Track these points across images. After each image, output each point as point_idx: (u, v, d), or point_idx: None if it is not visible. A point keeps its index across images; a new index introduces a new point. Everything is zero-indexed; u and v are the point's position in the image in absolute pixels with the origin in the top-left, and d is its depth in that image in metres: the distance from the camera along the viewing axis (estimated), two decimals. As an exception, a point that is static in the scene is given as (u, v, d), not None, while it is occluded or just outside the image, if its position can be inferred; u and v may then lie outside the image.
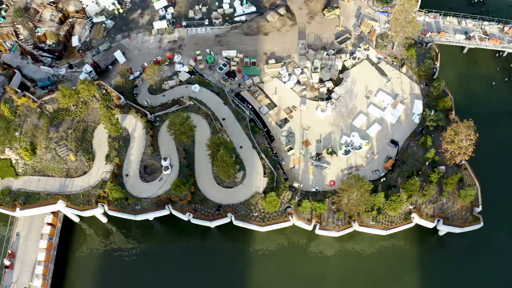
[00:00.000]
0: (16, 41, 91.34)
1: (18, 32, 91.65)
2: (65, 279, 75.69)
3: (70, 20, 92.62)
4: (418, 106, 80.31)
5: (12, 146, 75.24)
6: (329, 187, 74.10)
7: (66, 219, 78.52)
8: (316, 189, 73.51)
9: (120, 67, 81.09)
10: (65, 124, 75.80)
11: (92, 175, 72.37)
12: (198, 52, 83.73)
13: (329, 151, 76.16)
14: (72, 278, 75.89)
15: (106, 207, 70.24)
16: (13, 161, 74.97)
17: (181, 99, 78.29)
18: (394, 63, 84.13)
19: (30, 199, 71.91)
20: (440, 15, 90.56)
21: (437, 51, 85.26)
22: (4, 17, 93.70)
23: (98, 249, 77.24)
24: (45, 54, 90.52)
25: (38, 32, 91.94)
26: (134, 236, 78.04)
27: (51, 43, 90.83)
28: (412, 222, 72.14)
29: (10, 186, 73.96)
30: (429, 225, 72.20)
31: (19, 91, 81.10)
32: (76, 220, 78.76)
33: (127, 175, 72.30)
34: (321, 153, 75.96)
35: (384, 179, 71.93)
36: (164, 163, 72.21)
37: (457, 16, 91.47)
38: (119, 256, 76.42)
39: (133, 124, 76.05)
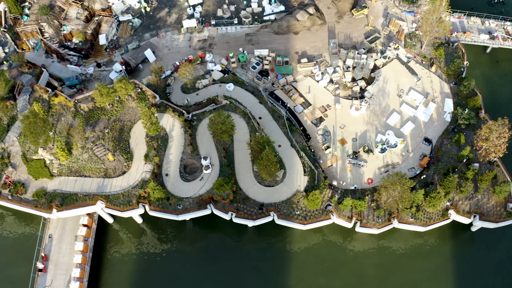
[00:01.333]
0: (41, 39, 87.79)
1: (43, 30, 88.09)
2: (100, 281, 73.44)
3: (97, 18, 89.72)
4: (449, 104, 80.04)
5: (45, 146, 72.29)
6: (367, 185, 73.42)
7: (99, 220, 76.42)
8: (355, 187, 72.60)
9: (153, 66, 78.40)
10: (101, 123, 72.99)
11: (131, 175, 69.72)
12: (231, 54, 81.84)
13: (365, 149, 75.27)
14: (107, 280, 73.27)
15: (147, 208, 68.07)
16: (47, 162, 72.07)
17: (217, 98, 76.59)
18: (423, 63, 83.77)
19: (67, 200, 68.94)
20: (464, 15, 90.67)
21: (463, 50, 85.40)
22: (27, 15, 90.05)
23: (133, 250, 74.70)
24: (71, 52, 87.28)
25: (63, 30, 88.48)
26: (169, 236, 75.64)
27: (77, 42, 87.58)
28: (449, 218, 71.82)
29: (44, 187, 71.16)
30: (466, 221, 72.01)
31: (50, 90, 78.16)
32: (110, 221, 76.31)
33: (167, 174, 69.99)
34: (358, 151, 75.16)
35: (424, 176, 71.44)
36: (204, 162, 70.11)
37: (480, 16, 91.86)
38: (154, 256, 74.01)
39: (171, 123, 73.67)
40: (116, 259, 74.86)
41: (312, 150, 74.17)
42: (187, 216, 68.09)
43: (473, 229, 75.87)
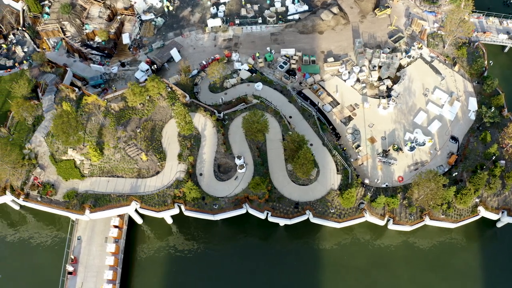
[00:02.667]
0: (63, 38, 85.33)
1: (65, 29, 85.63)
2: (131, 282, 71.51)
3: (119, 17, 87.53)
4: (473, 103, 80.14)
5: (75, 147, 70.15)
6: (397, 183, 73.13)
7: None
8: (386, 185, 72.17)
9: (182, 65, 76.81)
10: (133, 123, 71.07)
11: (165, 175, 67.94)
12: (257, 54, 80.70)
13: (395, 147, 74.98)
14: (138, 282, 71.30)
15: (183, 208, 66.49)
16: (77, 162, 69.87)
17: (247, 97, 75.39)
18: (447, 62, 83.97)
19: (100, 201, 66.88)
20: (483, 15, 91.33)
21: (484, 50, 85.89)
22: (48, 14, 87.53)
23: (163, 251, 72.81)
24: (94, 51, 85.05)
25: (85, 29, 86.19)
26: (198, 236, 73.80)
27: (100, 41, 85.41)
28: (478, 214, 72.07)
29: (75, 188, 68.95)
30: (494, 217, 72.31)
31: (76, 89, 76.00)
32: (139, 221, 74.53)
33: (201, 174, 68.42)
34: (388, 150, 74.82)
35: (456, 173, 71.45)
36: (238, 162, 68.74)
37: (498, 16, 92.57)
38: (184, 257, 72.16)
39: (202, 122, 72.08)
40: (146, 260, 72.83)
41: (344, 149, 73.71)
42: (224, 216, 66.79)
43: (499, 225, 75.96)
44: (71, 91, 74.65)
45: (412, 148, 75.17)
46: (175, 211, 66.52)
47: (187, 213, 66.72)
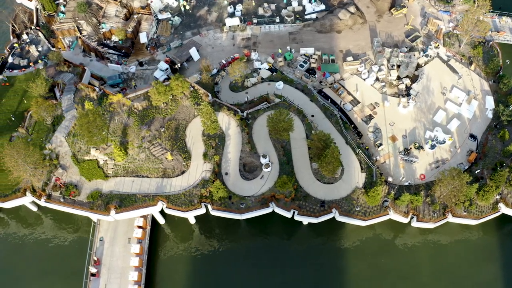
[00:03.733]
0: (80, 37, 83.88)
1: (81, 28, 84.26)
2: (155, 283, 70.46)
3: (136, 16, 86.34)
4: (490, 101, 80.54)
5: (98, 147, 68.95)
6: (420, 181, 73.32)
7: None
8: (409, 183, 72.35)
9: (203, 64, 75.95)
10: (156, 122, 70.11)
11: (191, 174, 67.15)
12: (280, 51, 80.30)
13: (416, 145, 75.17)
14: (162, 282, 70.53)
15: (209, 207, 65.71)
16: (101, 162, 68.73)
17: (269, 96, 74.92)
18: (463, 61, 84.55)
19: (125, 201, 65.73)
20: (496, 14, 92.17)
21: (498, 49, 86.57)
22: (63, 13, 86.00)
23: (186, 251, 71.84)
24: (110, 51, 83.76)
25: (102, 28, 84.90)
26: (221, 236, 73.04)
27: (117, 40, 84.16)
28: (499, 211, 72.49)
29: (99, 188, 67.74)
30: (515, 214, 73.09)
31: (97, 88, 74.71)
32: (162, 222, 73.58)
33: (226, 173, 67.71)
34: (410, 148, 74.98)
35: (478, 171, 71.91)
36: (263, 161, 68.16)
37: (510, 16, 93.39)
38: (207, 257, 71.34)
39: (226, 121, 71.33)
40: (169, 260, 71.79)
41: (367, 148, 73.67)
42: (251, 215, 66.16)
43: (518, 221, 76.96)
44: (92, 90, 73.41)
45: (433, 146, 75.38)
46: (202, 210, 65.75)
47: (214, 213, 66.00)
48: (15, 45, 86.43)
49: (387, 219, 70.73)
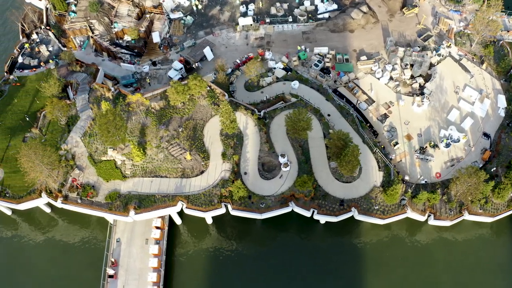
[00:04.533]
0: (91, 37, 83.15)
1: (93, 28, 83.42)
2: (172, 284, 69.93)
3: (147, 15, 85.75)
4: (502, 100, 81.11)
5: (116, 147, 68.27)
6: (435, 179, 73.75)
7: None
8: (425, 181, 72.76)
9: (218, 63, 75.68)
10: (174, 122, 69.60)
11: (210, 174, 66.75)
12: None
13: (431, 144, 75.57)
14: (180, 283, 69.97)
15: (229, 207, 65.39)
16: (118, 163, 68.10)
17: (284, 95, 74.81)
18: (474, 60, 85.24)
19: (144, 202, 65.16)
20: (505, 14, 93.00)
21: (508, 48, 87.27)
22: (74, 12, 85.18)
23: (203, 251, 71.35)
24: (123, 50, 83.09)
25: (114, 27, 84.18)
26: (238, 235, 72.68)
27: (130, 39, 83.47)
28: (515, 208, 73.43)
29: (117, 189, 67.09)
30: (529, 210, 73.69)
31: (112, 88, 74.00)
32: (179, 222, 73.03)
33: (245, 173, 67.38)
34: (425, 147, 75.39)
35: (494, 169, 72.48)
36: (282, 160, 67.99)
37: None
38: (225, 256, 70.91)
39: (243, 121, 70.95)
40: (187, 261, 71.28)
41: (383, 146, 73.89)
42: (271, 215, 65.92)
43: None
44: (107, 90, 72.71)
45: (447, 145, 75.82)
46: (222, 210, 65.41)
47: (234, 213, 65.65)
48: (25, 45, 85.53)
49: (404, 217, 71.45)
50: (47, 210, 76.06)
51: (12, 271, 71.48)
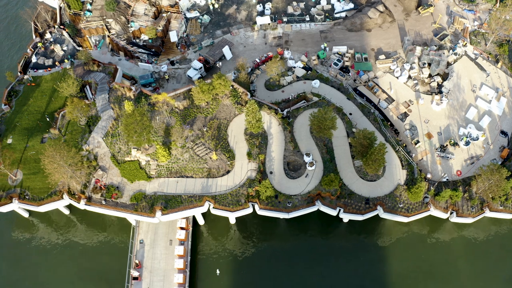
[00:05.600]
0: (108, 36, 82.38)
1: (109, 27, 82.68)
2: (197, 285, 69.75)
3: (164, 14, 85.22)
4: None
5: (140, 147, 67.76)
6: (456, 177, 74.70)
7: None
8: (447, 179, 73.69)
9: (239, 62, 75.61)
10: (198, 122, 69.35)
11: (236, 173, 66.72)
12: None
13: (451, 142, 76.60)
14: (204, 284, 69.85)
15: (256, 207, 65.34)
16: (143, 163, 67.66)
17: (306, 94, 75.06)
18: (489, 59, 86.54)
19: (170, 202, 64.81)
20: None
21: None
22: (90, 11, 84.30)
23: (227, 251, 71.31)
24: (140, 50, 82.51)
25: (131, 27, 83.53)
26: (261, 235, 72.90)
27: (147, 39, 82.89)
28: (533, 205, 74.70)
29: (143, 190, 66.66)
30: (547, 207, 75.03)
31: (133, 88, 73.39)
32: (202, 222, 72.86)
33: (271, 172, 67.35)
34: (446, 145, 76.32)
35: (515, 166, 73.74)
36: (307, 159, 68.20)
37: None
38: (248, 256, 70.98)
39: (267, 120, 70.82)
40: (210, 261, 71.01)
41: (404, 145, 74.61)
42: (298, 214, 66.02)
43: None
44: (128, 89, 72.14)
45: (467, 143, 76.94)
46: (249, 210, 65.40)
47: (261, 212, 65.59)
48: (39, 44, 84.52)
49: (427, 215, 72.29)
50: (66, 212, 75.43)
51: (32, 275, 70.54)
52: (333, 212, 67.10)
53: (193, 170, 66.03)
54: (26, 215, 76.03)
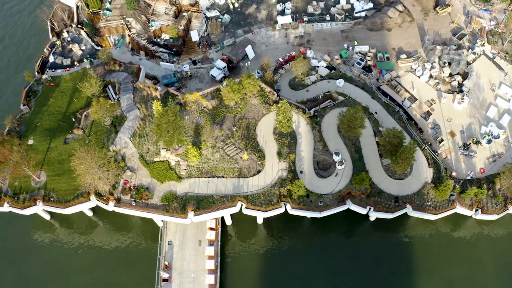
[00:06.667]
0: (129, 35, 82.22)
1: (130, 26, 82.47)
2: (227, 285, 70.15)
3: (184, 14, 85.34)
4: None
5: (169, 147, 67.84)
6: (480, 175, 76.51)
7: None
8: (471, 177, 75.47)
9: (265, 62, 76.12)
10: (227, 121, 69.78)
11: (267, 173, 67.25)
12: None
13: (474, 140, 78.46)
14: (233, 284, 70.35)
15: (288, 206, 65.86)
16: (172, 163, 67.77)
17: (332, 94, 76.05)
18: (507, 58, 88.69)
19: (202, 203, 65.11)
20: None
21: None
22: (109, 10, 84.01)
23: (254, 251, 71.79)
24: (161, 49, 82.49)
25: (151, 26, 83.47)
26: (288, 235, 73.42)
27: (167, 38, 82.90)
28: (555, 202, 76.82)
29: (173, 190, 66.76)
30: None
31: (159, 87, 73.42)
32: (229, 223, 73.22)
33: (301, 172, 68.01)
34: (469, 143, 78.12)
35: (538, 163, 75.70)
36: (336, 158, 69.11)
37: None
38: (276, 256, 71.53)
39: (295, 119, 71.33)
40: (238, 262, 71.36)
41: (429, 143, 76.11)
42: (329, 213, 66.92)
43: None
44: (154, 89, 72.17)
45: (489, 141, 78.81)
46: (282, 209, 65.99)
47: (292, 212, 66.25)
48: (57, 42, 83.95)
49: (452, 212, 73.92)
50: (89, 213, 75.17)
51: (57, 279, 70.28)
52: (363, 211, 68.16)
53: (224, 170, 66.42)
54: (47, 217, 75.67)
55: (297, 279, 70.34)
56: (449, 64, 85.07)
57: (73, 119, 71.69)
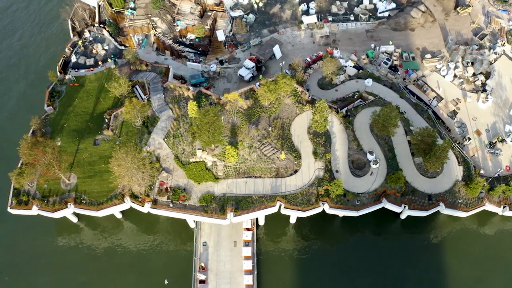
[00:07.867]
0: (154, 35, 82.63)
1: (155, 26, 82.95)
2: (263, 286, 70.86)
3: (209, 13, 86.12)
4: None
5: (205, 148, 68.58)
6: (506, 172, 79.25)
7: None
8: (499, 175, 78.11)
9: (295, 62, 77.39)
10: (263, 121, 70.81)
11: (304, 173, 68.67)
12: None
13: (499, 139, 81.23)
14: (269, 284, 71.19)
15: (326, 206, 67.33)
16: (209, 164, 68.55)
17: (363, 93, 77.86)
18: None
19: (241, 203, 66.00)
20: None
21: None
22: (133, 9, 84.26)
23: (289, 251, 72.91)
24: (187, 49, 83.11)
25: (177, 25, 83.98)
26: (321, 234, 74.64)
27: (193, 38, 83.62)
28: None
29: (211, 191, 67.56)
30: None
31: (191, 87, 74.07)
32: (262, 223, 74.26)
33: (337, 171, 69.57)
34: (495, 142, 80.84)
35: None
36: (371, 157, 70.90)
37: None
38: (310, 256, 72.74)
39: (328, 119, 73.26)
40: (273, 262, 72.24)
41: (458, 142, 78.61)
42: (366, 211, 68.60)
43: None
44: (186, 89, 72.82)
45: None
46: (320, 209, 67.44)
47: (330, 211, 67.77)
48: (79, 42, 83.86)
49: (482, 209, 76.49)
50: (119, 216, 75.39)
51: (89, 282, 70.58)
52: (398, 209, 70.16)
53: (261, 170, 67.49)
54: (75, 220, 75.67)
55: (330, 279, 71.82)
56: (472, 63, 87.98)
57: (106, 119, 71.80)
